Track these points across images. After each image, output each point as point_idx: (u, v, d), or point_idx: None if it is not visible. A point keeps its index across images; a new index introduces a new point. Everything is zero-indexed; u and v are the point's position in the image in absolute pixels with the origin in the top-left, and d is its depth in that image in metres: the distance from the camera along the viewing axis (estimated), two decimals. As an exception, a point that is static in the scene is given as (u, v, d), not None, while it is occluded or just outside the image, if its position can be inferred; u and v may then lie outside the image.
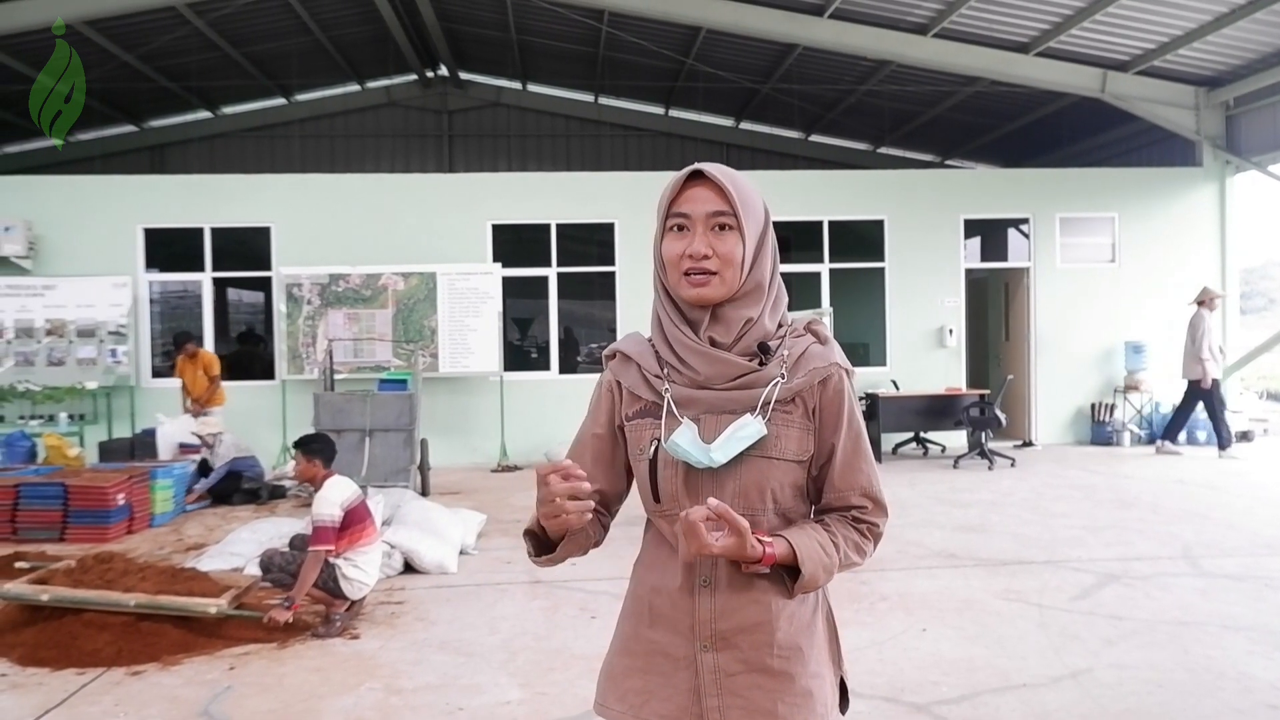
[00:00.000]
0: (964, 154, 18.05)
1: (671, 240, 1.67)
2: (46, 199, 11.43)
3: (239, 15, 13.30)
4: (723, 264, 1.63)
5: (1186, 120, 12.26)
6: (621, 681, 1.76)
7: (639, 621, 1.77)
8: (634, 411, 1.75)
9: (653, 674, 1.72)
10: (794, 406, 1.67)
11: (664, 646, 1.71)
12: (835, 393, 1.69)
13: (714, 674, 1.66)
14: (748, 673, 1.66)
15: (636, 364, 1.75)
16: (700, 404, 1.67)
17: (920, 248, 12.32)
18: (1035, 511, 8.07)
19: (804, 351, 1.69)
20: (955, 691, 4.09)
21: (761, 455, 1.65)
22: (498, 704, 4.06)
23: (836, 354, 1.71)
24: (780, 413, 1.66)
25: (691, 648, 1.68)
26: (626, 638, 1.79)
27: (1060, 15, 10.74)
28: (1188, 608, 5.23)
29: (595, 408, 1.83)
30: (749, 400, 1.65)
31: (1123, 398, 12.30)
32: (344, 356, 11.08)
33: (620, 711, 1.74)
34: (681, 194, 1.67)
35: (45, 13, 11.16)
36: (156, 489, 8.09)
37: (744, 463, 1.65)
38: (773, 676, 1.66)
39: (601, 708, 1.79)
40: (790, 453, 1.67)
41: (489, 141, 18.51)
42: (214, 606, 4.89)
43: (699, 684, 1.67)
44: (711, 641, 1.67)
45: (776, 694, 1.66)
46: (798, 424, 1.67)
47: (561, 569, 6.29)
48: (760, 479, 1.66)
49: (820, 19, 11.58)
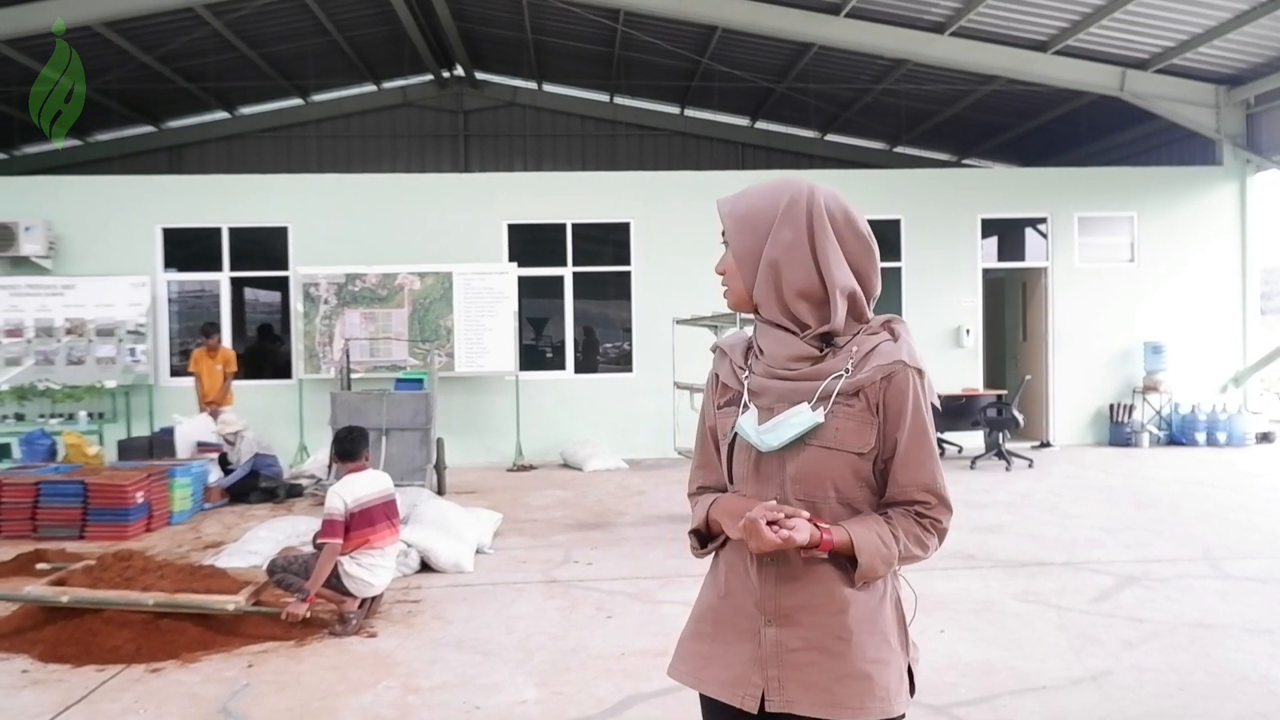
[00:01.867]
0: (981, 153, 17.95)
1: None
2: (66, 199, 11.52)
3: (256, 16, 13.37)
4: (728, 277, 1.87)
5: (1206, 119, 12.16)
6: (689, 645, 1.90)
7: (714, 592, 1.89)
8: (724, 401, 1.91)
9: (718, 641, 1.84)
10: (857, 400, 1.76)
11: (731, 617, 1.83)
12: (899, 389, 1.77)
13: (775, 647, 1.77)
14: (807, 650, 1.75)
15: (729, 358, 1.91)
16: (772, 393, 1.80)
17: (937, 247, 12.27)
18: (1053, 513, 8.02)
19: (874, 348, 1.79)
20: (973, 693, 4.07)
21: (820, 445, 1.75)
22: (514, 703, 4.06)
23: (905, 352, 1.79)
24: (842, 405, 1.75)
25: (756, 621, 1.79)
26: (701, 606, 1.91)
27: (1079, 13, 10.66)
28: (1208, 610, 5.18)
29: (706, 402, 1.98)
30: (813, 391, 1.77)
31: (1141, 398, 12.21)
32: (360, 356, 11.12)
33: (684, 672, 1.89)
34: None
35: (68, 13, 11.24)
36: (175, 487, 8.15)
37: (804, 451, 1.75)
38: (831, 656, 1.74)
39: (671, 668, 1.93)
40: (849, 444, 1.75)
41: (505, 141, 18.53)
42: (232, 604, 4.92)
43: (761, 655, 1.77)
44: (775, 616, 1.77)
45: (833, 673, 1.74)
46: (858, 417, 1.76)
47: (577, 569, 6.32)
48: (818, 467, 1.76)
49: (836, 18, 11.55)
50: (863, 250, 1.82)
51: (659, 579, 5.94)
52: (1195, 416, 12.00)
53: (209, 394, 10.27)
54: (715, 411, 1.92)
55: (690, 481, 2.02)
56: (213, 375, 10.31)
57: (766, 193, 1.82)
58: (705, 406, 1.98)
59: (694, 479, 2.01)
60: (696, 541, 1.92)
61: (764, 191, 1.82)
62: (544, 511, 8.46)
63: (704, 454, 1.98)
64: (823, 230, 1.78)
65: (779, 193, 1.80)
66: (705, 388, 1.99)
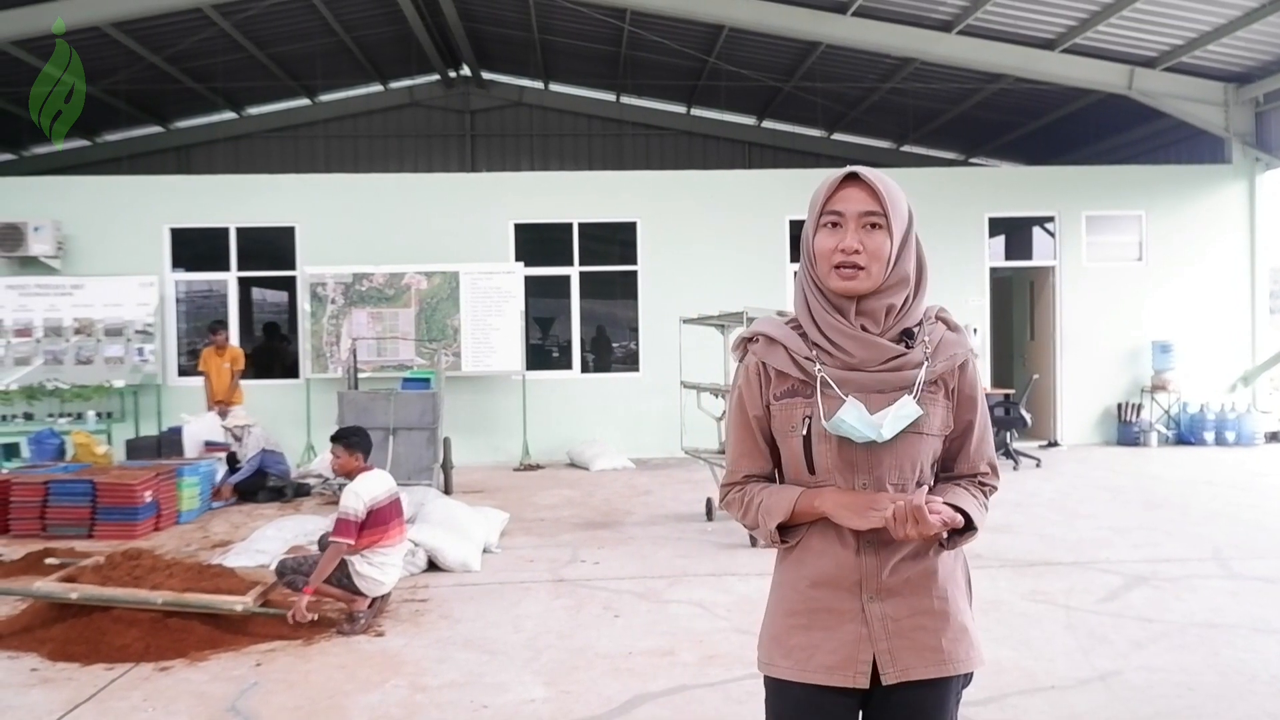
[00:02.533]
0: (988, 152, 17.91)
1: (825, 235, 1.84)
2: (75, 199, 11.56)
3: (264, 16, 13.39)
4: (871, 259, 1.81)
5: (1215, 117, 12.12)
6: (786, 639, 1.90)
7: (801, 584, 1.90)
8: (783, 391, 1.90)
9: (817, 629, 1.87)
10: (937, 388, 1.88)
11: (829, 603, 1.86)
12: (971, 377, 1.92)
13: (882, 621, 1.83)
14: (914, 615, 1.84)
15: (784, 346, 1.90)
16: (852, 384, 1.83)
17: (944, 246, 12.23)
18: (1061, 512, 8.00)
19: (941, 339, 1.90)
20: (982, 693, 4.05)
21: (915, 431, 1.83)
22: (522, 702, 4.06)
23: (969, 340, 1.94)
24: (927, 393, 1.85)
25: (858, 601, 1.84)
26: (788, 599, 1.92)
27: (1086, 11, 10.63)
28: (1218, 610, 5.16)
29: (747, 391, 1.95)
30: (898, 381, 1.83)
31: (1150, 398, 12.17)
32: (367, 355, 11.14)
33: (787, 666, 1.88)
34: (837, 193, 1.85)
35: (76, 14, 11.30)
36: (183, 486, 8.17)
37: (900, 438, 1.82)
38: (935, 617, 1.85)
39: (768, 666, 1.93)
40: (936, 429, 1.87)
41: (511, 141, 18.55)
42: (240, 604, 4.92)
43: (868, 632, 1.83)
44: (878, 593, 1.84)
45: (939, 632, 1.85)
46: (941, 403, 1.88)
47: (584, 568, 6.32)
48: (914, 452, 1.84)
49: (843, 16, 11.53)
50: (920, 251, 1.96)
51: (666, 578, 5.93)
52: (1204, 416, 11.96)
53: (218, 393, 10.27)
54: (773, 402, 1.90)
55: (732, 471, 2.00)
56: (221, 374, 10.31)
57: (898, 187, 1.86)
58: (746, 396, 1.94)
59: (737, 468, 1.99)
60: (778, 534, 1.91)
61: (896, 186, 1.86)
62: (551, 511, 8.46)
63: (747, 442, 1.96)
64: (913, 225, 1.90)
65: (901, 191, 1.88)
66: (743, 376, 1.96)
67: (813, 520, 1.86)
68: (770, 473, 1.98)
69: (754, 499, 1.93)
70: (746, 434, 1.96)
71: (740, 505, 1.96)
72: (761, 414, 1.93)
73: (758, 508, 1.92)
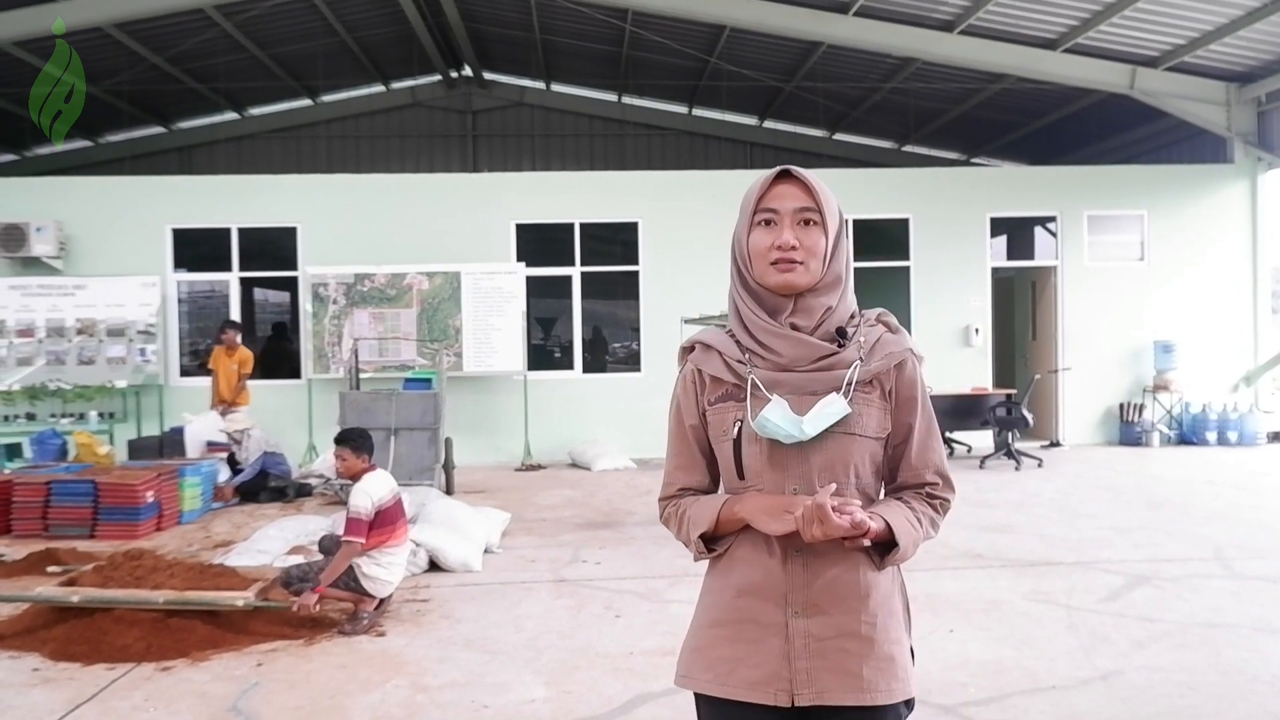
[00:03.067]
0: (990, 152, 17.90)
1: (760, 233, 1.81)
2: (77, 200, 11.57)
3: (266, 17, 13.41)
4: (808, 255, 1.78)
5: (1217, 116, 12.10)
6: (708, 652, 1.83)
7: (727, 593, 1.84)
8: (716, 396, 1.86)
9: (741, 642, 1.79)
10: (872, 388, 1.81)
11: (754, 615, 1.79)
12: (910, 377, 1.84)
13: (805, 638, 1.76)
14: (837, 637, 1.76)
15: (718, 351, 1.86)
16: (784, 385, 1.79)
17: (946, 246, 12.24)
18: (1063, 512, 7.99)
19: (879, 338, 1.84)
20: (983, 693, 4.05)
21: (845, 432, 1.77)
22: (523, 702, 4.06)
23: (909, 341, 1.86)
24: (860, 393, 1.79)
25: (783, 614, 1.77)
26: (713, 609, 1.86)
27: (1088, 11, 10.62)
28: (1220, 610, 5.16)
29: (684, 400, 1.91)
30: (830, 381, 1.78)
31: (1152, 398, 12.16)
32: (369, 355, 11.15)
33: (707, 680, 1.81)
34: (770, 191, 1.82)
35: (78, 15, 11.32)
36: (185, 486, 8.17)
37: (829, 439, 1.76)
38: (860, 641, 1.76)
39: (686, 679, 1.86)
40: (871, 430, 1.80)
41: (513, 141, 18.55)
42: (241, 599, 4.93)
43: (789, 649, 1.76)
44: (804, 608, 1.76)
45: (863, 658, 1.76)
46: (877, 404, 1.81)
47: (585, 568, 6.32)
48: (845, 454, 1.79)
49: (845, 16, 11.53)
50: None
51: (667, 578, 5.93)
52: (1206, 416, 11.95)
53: (223, 393, 10.25)
54: (707, 408, 1.86)
55: (668, 485, 1.96)
56: (229, 374, 10.29)
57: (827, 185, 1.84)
58: (683, 405, 1.91)
59: (673, 481, 1.94)
60: (703, 545, 1.85)
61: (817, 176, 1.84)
62: (552, 511, 8.47)
63: (683, 455, 1.92)
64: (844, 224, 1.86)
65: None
66: (681, 386, 1.92)
67: (739, 529, 1.81)
68: (707, 486, 1.93)
69: (684, 511, 1.89)
70: (683, 446, 1.92)
71: (675, 520, 1.91)
72: (698, 422, 1.89)
73: (686, 520, 1.87)
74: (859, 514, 1.67)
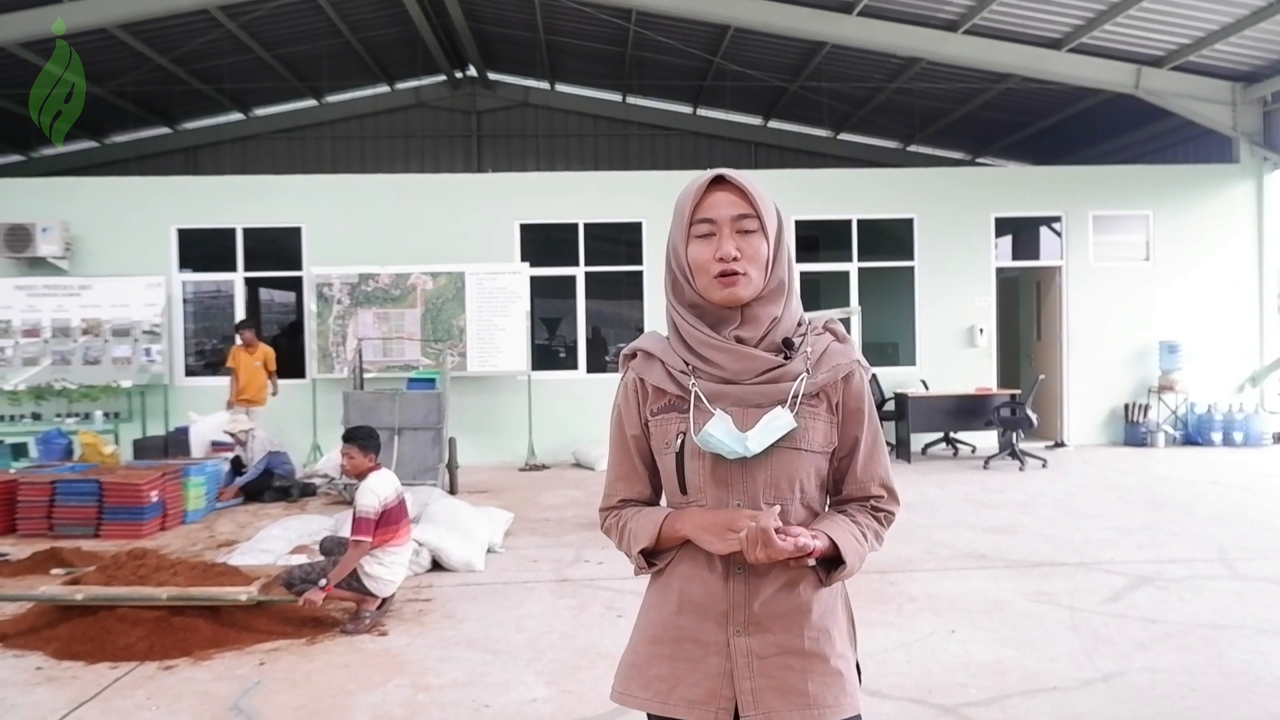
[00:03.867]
0: (995, 152, 17.88)
1: (698, 246, 1.73)
2: (83, 200, 11.60)
3: (271, 18, 13.44)
4: (749, 264, 1.70)
5: (1223, 116, 12.07)
6: (646, 669, 1.78)
7: (666, 609, 1.79)
8: (659, 407, 1.79)
9: (680, 660, 1.75)
10: (819, 401, 1.75)
11: (694, 633, 1.74)
12: (857, 389, 1.78)
13: (747, 657, 1.71)
14: (781, 655, 1.71)
15: (660, 360, 1.79)
16: (728, 398, 1.72)
17: (950, 246, 12.21)
18: (1067, 513, 7.98)
19: (826, 349, 1.76)
20: (984, 694, 4.05)
21: (791, 447, 1.71)
22: (524, 701, 4.07)
23: (856, 352, 1.79)
24: (807, 406, 1.73)
25: (724, 633, 1.72)
26: (653, 625, 1.81)
27: (1093, 10, 10.60)
28: (1223, 611, 5.15)
29: (625, 410, 1.85)
30: (775, 394, 1.71)
31: (1157, 398, 12.12)
32: (373, 355, 11.16)
33: (645, 699, 1.76)
34: (704, 200, 1.73)
35: (84, 16, 11.36)
36: (189, 486, 8.20)
37: (774, 454, 1.70)
38: (804, 658, 1.71)
39: (623, 696, 1.81)
40: (817, 444, 1.74)
41: (517, 141, 18.57)
42: (244, 594, 4.95)
43: (731, 668, 1.71)
44: (745, 626, 1.71)
45: (808, 674, 1.71)
46: (823, 417, 1.75)
47: (588, 568, 6.32)
48: (790, 469, 1.72)
49: (849, 16, 11.52)
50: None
51: (670, 578, 5.92)
52: (1211, 416, 11.92)
53: (245, 391, 10.14)
54: (649, 418, 1.80)
55: (608, 495, 1.90)
56: (251, 371, 10.19)
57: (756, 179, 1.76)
58: (625, 415, 1.85)
59: (614, 492, 1.89)
60: (644, 560, 1.80)
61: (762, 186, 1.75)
62: (555, 511, 8.47)
63: (624, 465, 1.86)
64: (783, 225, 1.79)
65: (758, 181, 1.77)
66: (622, 394, 1.86)
67: (681, 544, 1.76)
68: (650, 497, 1.88)
69: (626, 524, 1.84)
70: (625, 455, 1.86)
71: (616, 531, 1.87)
72: (639, 433, 1.82)
73: (628, 533, 1.82)
74: (803, 538, 1.61)
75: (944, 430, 11.81)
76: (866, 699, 2.74)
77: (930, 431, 11.85)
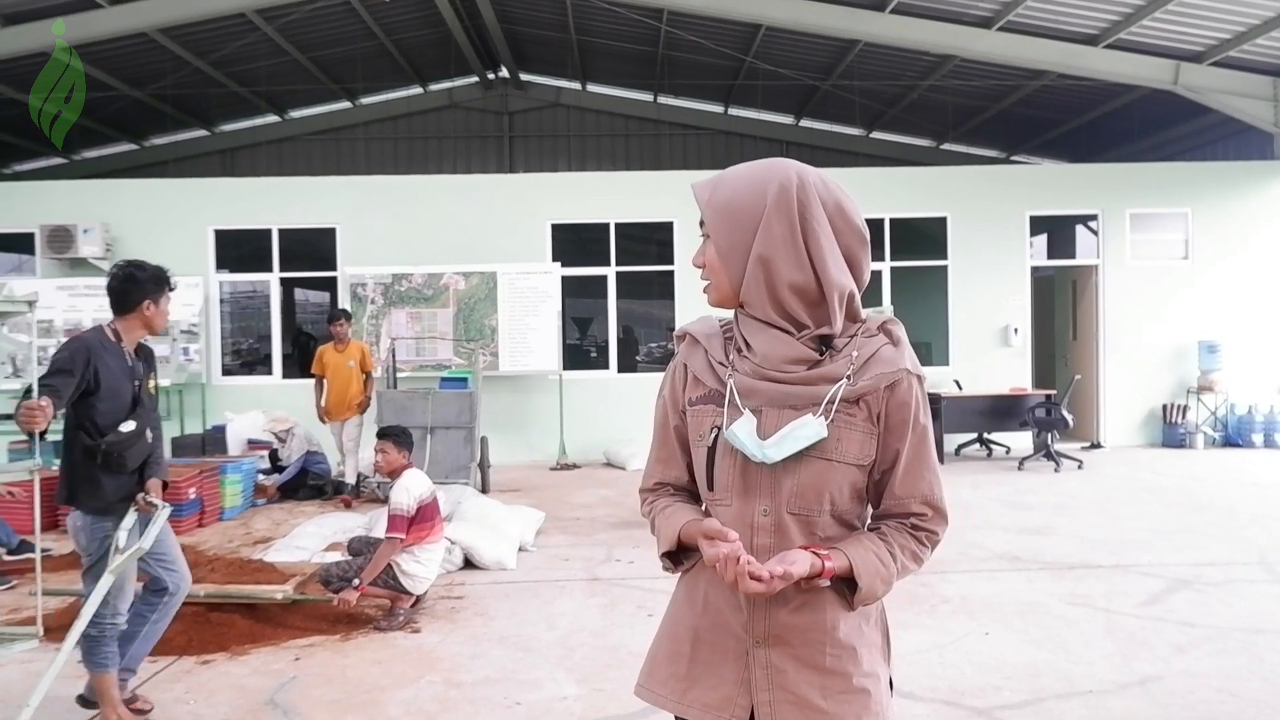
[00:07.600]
0: (1030, 149, 17.69)
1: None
2: (123, 202, 11.80)
3: (306, 21, 13.59)
4: (709, 271, 1.71)
5: (1263, 112, 11.85)
6: (665, 666, 1.76)
7: (691, 609, 1.75)
8: (697, 396, 1.73)
9: (699, 662, 1.71)
10: (858, 409, 1.63)
11: (713, 637, 1.70)
12: (902, 399, 1.64)
13: (766, 669, 1.65)
14: (801, 669, 1.65)
15: (704, 349, 1.74)
16: (762, 396, 1.64)
17: (984, 245, 12.10)
18: (1103, 514, 7.88)
19: (874, 353, 1.64)
20: (1018, 696, 4.02)
21: (821, 457, 1.61)
22: (555, 699, 4.09)
23: (907, 358, 1.65)
24: (844, 414, 1.62)
25: (744, 641, 1.67)
26: (676, 623, 1.78)
27: (1130, 6, 10.46)
28: (1263, 615, 5.07)
29: (670, 394, 1.80)
30: (811, 397, 1.62)
31: (1196, 399, 11.93)
32: (406, 355, 11.25)
33: (661, 696, 1.75)
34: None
35: (119, 22, 11.54)
36: (226, 484, 8.31)
37: (803, 463, 1.61)
38: (825, 675, 1.65)
39: (642, 689, 1.80)
40: (850, 456, 1.63)
41: (549, 142, 18.64)
42: (280, 592, 5.02)
43: (749, 677, 1.66)
44: (765, 637, 1.66)
45: (828, 691, 1.64)
46: (860, 427, 1.63)
47: (619, 567, 6.34)
48: (819, 481, 1.62)
49: (881, 14, 11.44)
50: (857, 241, 1.68)
51: (700, 578, 5.92)
52: (1252, 417, 11.71)
53: (342, 396, 9.04)
54: (688, 407, 1.75)
55: (647, 476, 1.86)
56: (342, 373, 9.06)
57: (752, 179, 1.65)
58: (669, 399, 1.79)
59: (652, 473, 1.85)
60: (669, 560, 1.76)
61: (749, 178, 1.66)
62: (586, 510, 8.50)
63: (665, 447, 1.82)
64: (817, 222, 1.63)
65: (766, 179, 1.64)
66: (668, 378, 1.81)
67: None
68: (686, 483, 1.82)
69: (655, 517, 1.80)
70: (665, 438, 1.81)
71: (650, 519, 1.83)
72: (679, 420, 1.77)
73: (656, 529, 1.79)
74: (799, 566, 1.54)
75: (978, 431, 11.71)
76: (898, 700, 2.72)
77: (964, 432, 11.75)
